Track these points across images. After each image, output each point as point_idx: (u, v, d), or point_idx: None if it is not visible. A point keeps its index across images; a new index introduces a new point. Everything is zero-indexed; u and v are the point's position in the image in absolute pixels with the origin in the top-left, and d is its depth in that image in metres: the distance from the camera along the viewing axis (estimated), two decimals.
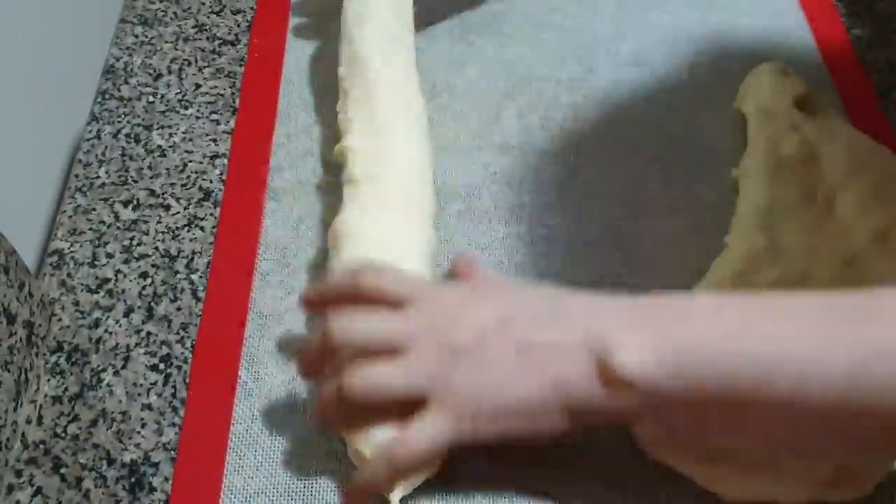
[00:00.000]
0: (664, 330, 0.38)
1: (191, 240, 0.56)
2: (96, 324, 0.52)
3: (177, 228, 0.56)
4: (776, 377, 0.36)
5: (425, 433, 0.39)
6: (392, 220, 0.50)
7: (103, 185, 0.59)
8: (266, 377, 0.49)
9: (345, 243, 0.50)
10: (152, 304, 0.53)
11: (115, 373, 0.50)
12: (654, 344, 0.37)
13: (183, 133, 0.62)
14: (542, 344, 0.39)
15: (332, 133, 0.61)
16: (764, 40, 0.66)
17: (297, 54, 0.66)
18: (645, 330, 0.38)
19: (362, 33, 0.59)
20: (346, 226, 0.50)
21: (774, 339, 0.36)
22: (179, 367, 0.50)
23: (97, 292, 0.53)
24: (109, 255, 0.55)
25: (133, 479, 0.46)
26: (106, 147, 0.61)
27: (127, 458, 0.47)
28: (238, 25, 0.69)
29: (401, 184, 0.52)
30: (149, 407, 0.49)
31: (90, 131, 0.62)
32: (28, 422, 0.48)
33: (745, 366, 0.36)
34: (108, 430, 0.48)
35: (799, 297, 0.38)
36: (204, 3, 0.71)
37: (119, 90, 0.64)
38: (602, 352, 0.38)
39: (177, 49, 0.67)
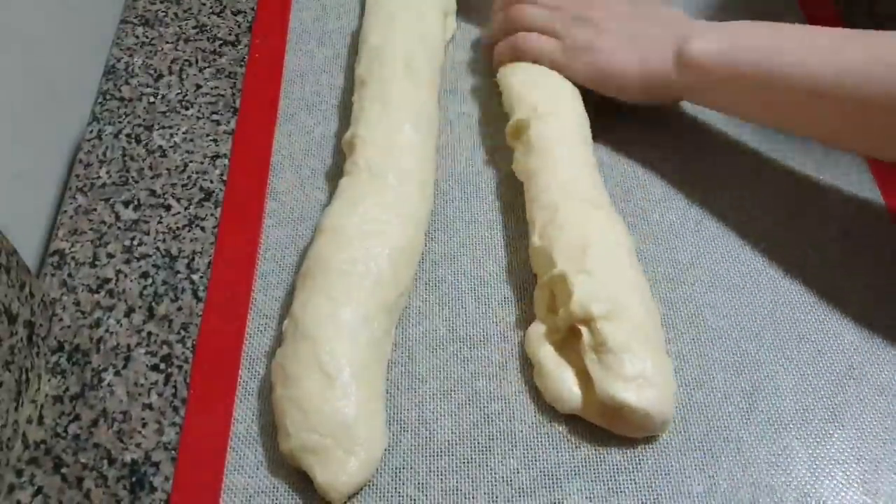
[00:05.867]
0: (727, 33, 0.54)
1: (191, 240, 0.56)
2: (97, 323, 0.52)
3: (177, 228, 0.57)
4: (795, 66, 0.50)
5: (542, 42, 0.59)
6: (376, 217, 0.50)
7: (104, 185, 0.59)
8: (266, 377, 0.49)
9: (322, 235, 0.50)
10: (153, 303, 0.53)
11: (116, 373, 0.50)
12: (718, 40, 0.53)
13: (184, 133, 0.62)
14: (644, 35, 0.56)
15: (331, 133, 0.61)
16: None
17: (298, 55, 0.66)
18: (714, 32, 0.54)
19: (386, 32, 0.60)
20: (328, 219, 0.51)
21: (803, 43, 0.51)
22: (180, 367, 0.50)
23: (98, 292, 0.54)
24: (110, 255, 0.55)
25: (134, 479, 0.46)
26: (107, 147, 0.61)
27: (128, 457, 0.47)
28: (239, 26, 0.69)
29: (399, 180, 0.53)
30: (149, 407, 0.49)
31: (91, 131, 0.62)
32: (29, 421, 0.48)
33: (777, 55, 0.51)
34: (108, 429, 0.48)
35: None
36: (205, 4, 0.71)
37: (120, 90, 0.64)
38: (682, 43, 0.54)
39: (177, 49, 0.67)
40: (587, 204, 0.51)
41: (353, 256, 0.49)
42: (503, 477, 0.46)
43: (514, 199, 0.57)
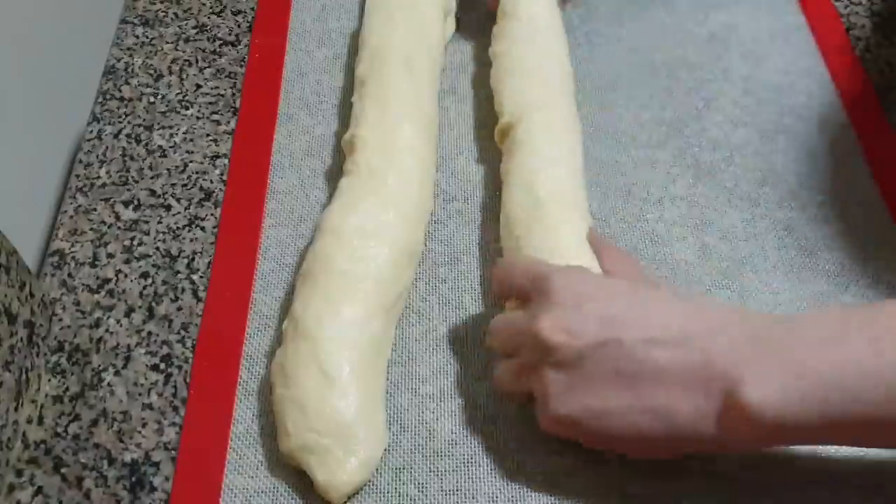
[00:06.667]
0: (786, 358, 0.37)
1: (191, 240, 0.56)
2: (97, 324, 0.52)
3: (177, 228, 0.57)
4: None
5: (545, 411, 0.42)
6: (376, 217, 0.50)
7: (104, 185, 0.59)
8: (266, 377, 0.49)
9: (322, 236, 0.50)
10: (153, 303, 0.53)
11: (116, 372, 0.50)
12: (779, 378, 0.37)
13: (184, 133, 0.62)
14: (651, 369, 0.39)
15: (332, 133, 0.61)
16: (764, 41, 0.66)
17: (298, 55, 0.66)
18: (765, 360, 0.37)
19: (386, 32, 0.60)
20: (328, 219, 0.51)
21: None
22: (180, 367, 0.50)
23: (98, 292, 0.54)
24: (110, 255, 0.55)
25: (134, 479, 0.46)
26: (107, 147, 0.61)
27: (128, 457, 0.47)
28: (238, 26, 0.69)
29: (399, 180, 0.53)
30: (149, 406, 0.49)
31: (91, 131, 0.62)
32: (29, 421, 0.48)
33: (872, 390, 0.36)
34: (108, 429, 0.48)
35: None
36: (205, 4, 0.71)
37: (120, 90, 0.64)
38: (727, 388, 0.37)
39: (177, 49, 0.67)
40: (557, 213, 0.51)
41: (353, 256, 0.49)
42: (503, 477, 0.46)
43: None
